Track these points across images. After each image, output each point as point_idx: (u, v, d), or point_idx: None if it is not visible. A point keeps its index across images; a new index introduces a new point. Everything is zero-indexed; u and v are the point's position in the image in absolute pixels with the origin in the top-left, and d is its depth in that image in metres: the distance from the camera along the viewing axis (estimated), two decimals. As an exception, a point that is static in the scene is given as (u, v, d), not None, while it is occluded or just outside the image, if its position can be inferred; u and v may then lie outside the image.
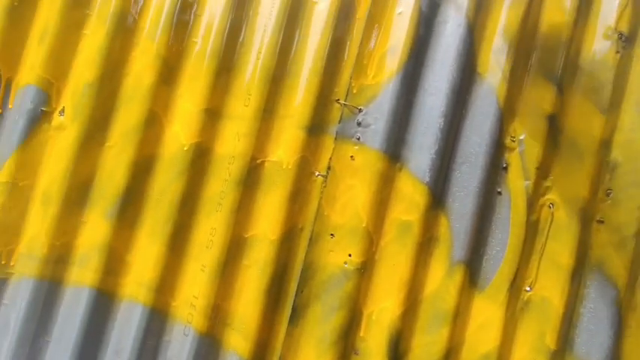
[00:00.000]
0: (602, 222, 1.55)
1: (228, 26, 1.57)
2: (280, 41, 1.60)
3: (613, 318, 1.54)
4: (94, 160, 1.53)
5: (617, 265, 1.55)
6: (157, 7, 1.54)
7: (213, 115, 1.54)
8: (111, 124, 1.53)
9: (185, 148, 1.58)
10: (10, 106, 1.53)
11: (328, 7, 1.62)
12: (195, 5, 1.52)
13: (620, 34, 1.61)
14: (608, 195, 1.56)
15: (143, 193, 1.60)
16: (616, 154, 1.58)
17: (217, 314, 1.57)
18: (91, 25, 1.51)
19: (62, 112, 1.50)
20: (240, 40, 1.53)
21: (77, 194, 1.56)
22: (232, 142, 1.60)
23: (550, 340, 1.53)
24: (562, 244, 1.57)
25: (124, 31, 1.50)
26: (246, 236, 1.59)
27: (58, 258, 1.52)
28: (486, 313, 1.56)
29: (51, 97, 1.53)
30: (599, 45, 1.64)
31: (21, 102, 1.52)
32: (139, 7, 1.52)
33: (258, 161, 1.61)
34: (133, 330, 1.54)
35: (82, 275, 1.54)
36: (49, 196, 1.53)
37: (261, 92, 1.60)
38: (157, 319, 1.56)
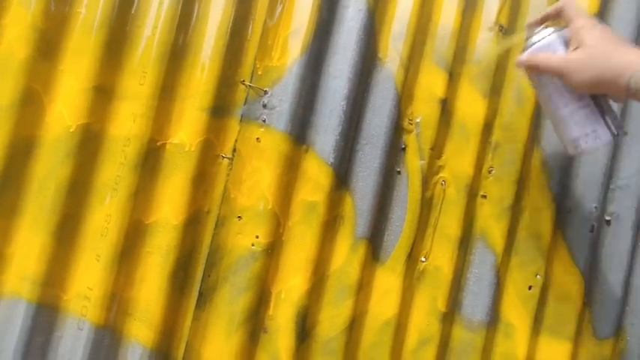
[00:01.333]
0: (485, 197, 1.07)
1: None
2: (179, 14, 0.94)
3: (492, 280, 1.05)
4: None
5: (496, 234, 1.06)
6: None
7: (103, 93, 0.93)
8: None
9: (71, 130, 0.88)
10: None
11: None
12: None
13: (501, 27, 1.08)
14: (490, 172, 1.07)
15: (23, 178, 0.88)
16: (497, 135, 1.07)
17: (116, 304, 0.91)
18: None
19: None
20: (133, 11, 0.72)
21: None
22: (127, 123, 0.91)
23: (441, 304, 1.04)
24: (452, 217, 1.05)
25: None
26: (146, 222, 0.93)
27: None
28: (387, 284, 1.03)
29: None
30: (483, 36, 1.08)
31: None
32: None
33: (158, 144, 0.93)
34: (17, 328, 0.84)
35: None
36: None
37: (158, 70, 0.92)
38: (44, 315, 0.88)
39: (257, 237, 0.98)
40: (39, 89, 0.90)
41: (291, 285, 1.02)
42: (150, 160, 0.94)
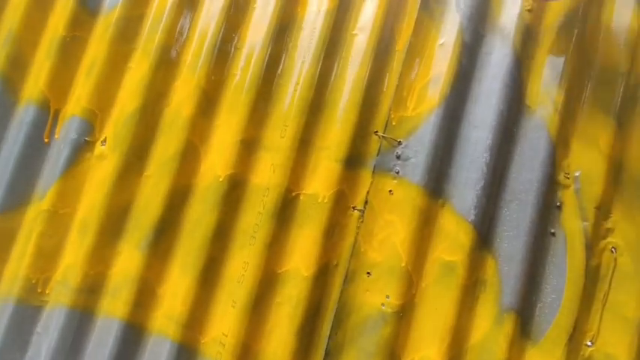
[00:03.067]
0: None
1: (267, 58, 0.96)
2: (318, 73, 0.95)
3: None
4: (132, 189, 0.94)
5: None
6: (199, 39, 0.93)
7: (249, 145, 0.96)
8: (149, 154, 0.96)
9: (220, 179, 0.92)
10: (56, 136, 1.05)
11: (367, 38, 0.94)
12: (236, 38, 0.73)
13: None
14: None
15: (177, 224, 0.94)
16: None
17: (246, 354, 0.88)
18: (135, 59, 0.70)
19: (104, 142, 0.96)
20: (279, 71, 0.98)
21: (114, 224, 0.93)
22: (267, 173, 0.93)
23: None
24: (627, 293, 0.82)
25: (166, 63, 0.68)
26: (279, 272, 0.91)
27: (92, 288, 0.93)
28: None
29: (94, 127, 0.98)
30: None
31: (66, 132, 0.98)
32: (183, 40, 0.73)
33: (294, 194, 0.92)
34: None
35: (114, 306, 0.91)
36: (86, 225, 0.92)
37: (297, 123, 0.93)
38: (185, 355, 0.88)
39: (387, 297, 0.86)
40: (197, 142, 0.94)
41: (424, 355, 0.84)
42: (285, 210, 0.91)
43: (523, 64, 0.93)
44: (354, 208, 0.93)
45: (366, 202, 0.92)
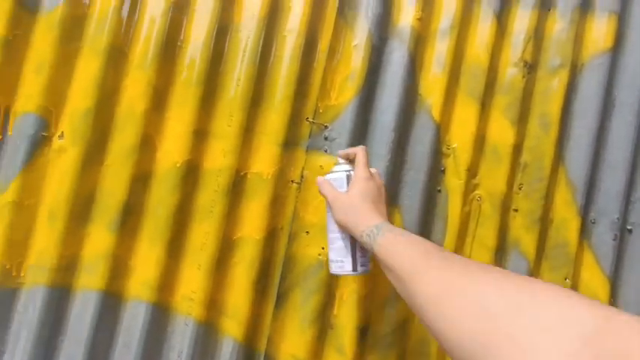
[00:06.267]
0: (516, 210, 1.16)
1: (209, 57, 1.07)
2: (257, 69, 1.09)
3: None
4: (94, 178, 1.02)
5: (528, 244, 1.15)
6: (145, 39, 1.06)
7: (201, 135, 1.08)
8: (109, 146, 1.04)
9: (178, 165, 1.04)
10: (9, 133, 1.02)
11: (295, 39, 1.11)
12: (181, 38, 0.84)
13: (525, 63, 1.18)
14: (520, 189, 1.17)
15: (141, 205, 1.05)
16: (525, 156, 1.18)
17: (213, 305, 1.06)
18: (83, 57, 0.81)
19: (61, 136, 1.01)
20: (221, 68, 1.00)
21: (81, 210, 1.01)
22: (219, 158, 1.07)
23: None
24: (488, 229, 1.14)
25: (115, 62, 0.81)
26: (234, 238, 1.07)
27: (67, 266, 1.00)
28: None
29: (50, 123, 1.02)
30: (510, 71, 1.19)
31: (21, 128, 1.00)
32: (129, 39, 0.85)
33: (242, 173, 1.08)
34: (140, 325, 1.00)
35: (91, 280, 1.01)
36: (54, 213, 0.99)
37: (241, 114, 1.07)
38: (160, 314, 1.03)
39: (322, 248, 1.05)
40: (153, 134, 1.01)
41: (352, 288, 1.07)
42: (236, 187, 1.04)
43: (416, 61, 1.17)
44: (292, 181, 1.12)
45: (302, 177, 1.12)
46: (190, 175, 1.04)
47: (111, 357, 1.00)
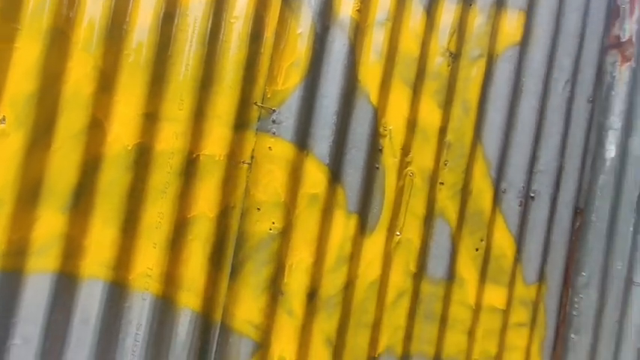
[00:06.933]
0: (442, 183, 1.33)
1: (157, 41, 1.08)
2: (205, 54, 1.12)
3: (449, 246, 1.33)
4: (42, 162, 1.00)
5: (451, 212, 1.33)
6: (89, 23, 1.04)
7: (151, 118, 1.09)
8: (55, 130, 1.02)
9: (129, 148, 1.06)
10: None
11: (242, 26, 1.14)
12: (127, 21, 0.86)
13: (450, 53, 1.32)
14: (445, 165, 1.32)
15: (93, 187, 1.06)
16: (450, 136, 1.32)
17: (170, 280, 1.11)
18: (22, 40, 0.80)
19: (3, 120, 0.97)
20: (169, 53, 1.08)
21: (30, 193, 0.99)
22: (171, 140, 1.09)
23: (412, 266, 1.29)
24: (419, 200, 1.30)
25: (57, 44, 0.85)
26: (189, 216, 1.12)
27: (18, 251, 0.99)
28: (372, 253, 1.27)
29: None
30: (437, 60, 1.33)
31: None
32: (72, 22, 0.85)
33: (194, 155, 1.12)
34: (97, 302, 1.04)
35: (44, 263, 1.01)
36: (1, 198, 0.96)
37: (192, 98, 1.10)
38: (117, 291, 1.07)
39: (273, 223, 1.14)
40: (101, 117, 1.01)
41: (300, 258, 1.16)
42: (189, 168, 1.07)
43: (356, 50, 1.27)
44: (243, 162, 1.19)
45: (252, 157, 1.19)
46: (142, 157, 1.07)
47: (69, 334, 1.03)
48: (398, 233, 1.24)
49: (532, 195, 1.35)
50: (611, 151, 1.40)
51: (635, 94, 1.46)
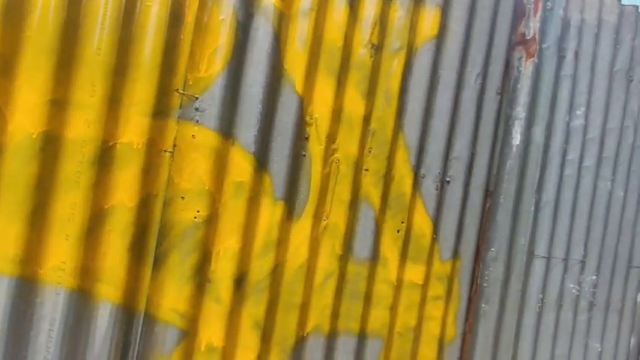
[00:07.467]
0: (367, 170, 1.37)
1: (62, 23, 1.00)
2: (119, 39, 1.06)
3: (373, 229, 1.40)
4: None
5: (375, 196, 1.39)
6: None
7: (59, 105, 1.02)
8: None
9: (34, 136, 0.98)
10: None
11: (159, 10, 1.10)
12: (27, 0, 0.81)
13: (373, 44, 1.36)
14: (370, 152, 1.37)
15: None
16: (373, 125, 1.38)
17: (86, 273, 1.06)
18: None
19: None
20: (77, 36, 0.89)
21: None
22: (82, 128, 1.04)
23: (338, 249, 1.34)
24: (344, 186, 1.34)
25: None
26: (106, 207, 1.07)
27: None
28: (299, 238, 1.30)
29: None
30: (361, 51, 1.36)
31: None
32: None
33: (110, 144, 1.07)
34: (3, 299, 0.97)
35: None
36: None
37: (105, 84, 1.05)
38: (25, 286, 1.00)
39: (198, 211, 1.12)
40: (1, 104, 0.95)
41: (227, 245, 1.16)
42: (104, 157, 1.02)
43: (280, 38, 1.27)
44: (165, 150, 1.16)
45: (174, 146, 1.16)
46: (50, 146, 1.01)
47: (-29, 336, 0.96)
48: (325, 218, 1.29)
49: (448, 180, 1.46)
50: (516, 139, 1.55)
51: (537, 87, 1.62)
